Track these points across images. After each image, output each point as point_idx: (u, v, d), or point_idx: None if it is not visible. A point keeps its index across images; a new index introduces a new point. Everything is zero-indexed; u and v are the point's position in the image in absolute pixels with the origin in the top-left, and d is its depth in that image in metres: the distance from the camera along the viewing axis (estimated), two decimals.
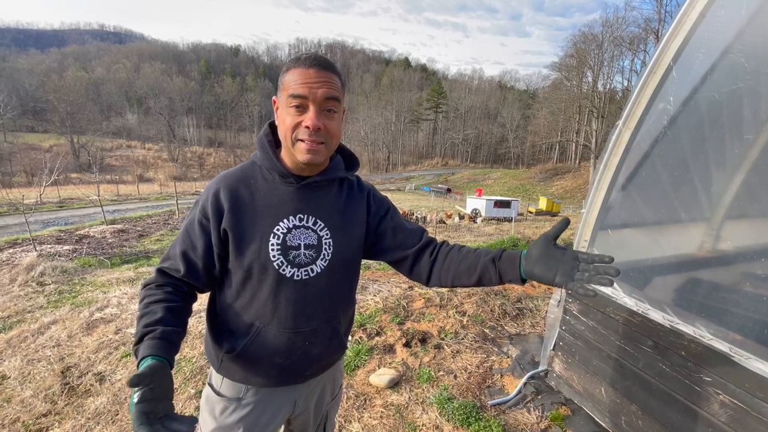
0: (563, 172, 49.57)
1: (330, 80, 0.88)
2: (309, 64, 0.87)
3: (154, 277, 0.96)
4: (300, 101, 0.86)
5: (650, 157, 2.04)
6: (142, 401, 0.67)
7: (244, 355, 0.98)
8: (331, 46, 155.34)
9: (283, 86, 0.90)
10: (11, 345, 3.10)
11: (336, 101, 0.90)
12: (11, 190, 20.90)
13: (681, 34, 1.83)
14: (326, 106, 0.89)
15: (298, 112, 0.87)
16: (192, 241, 0.95)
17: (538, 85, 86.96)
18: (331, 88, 0.88)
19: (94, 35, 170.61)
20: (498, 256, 0.96)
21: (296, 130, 0.89)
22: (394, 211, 1.15)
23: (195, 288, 0.99)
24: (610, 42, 44.69)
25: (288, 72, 0.89)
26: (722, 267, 1.85)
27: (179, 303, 0.92)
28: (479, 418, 2.17)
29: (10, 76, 76.34)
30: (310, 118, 0.87)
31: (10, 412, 2.21)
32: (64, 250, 6.82)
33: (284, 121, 0.90)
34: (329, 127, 0.90)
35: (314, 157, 0.90)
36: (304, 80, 0.86)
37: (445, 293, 4.08)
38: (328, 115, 0.90)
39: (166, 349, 0.80)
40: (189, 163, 70.40)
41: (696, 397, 1.67)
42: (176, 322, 0.87)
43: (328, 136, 0.91)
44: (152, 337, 0.80)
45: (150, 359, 0.76)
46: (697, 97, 1.82)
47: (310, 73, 0.86)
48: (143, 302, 0.89)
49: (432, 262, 1.06)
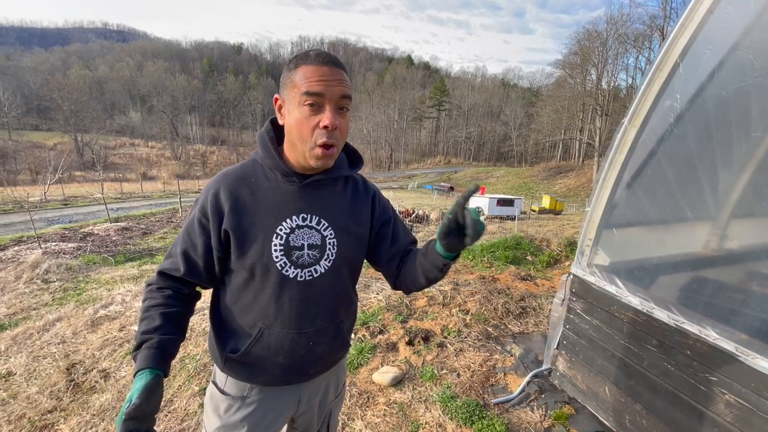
0: (566, 171, 49.31)
1: (343, 78, 0.87)
2: (322, 61, 0.85)
3: (156, 279, 0.96)
4: (315, 99, 0.84)
5: (656, 155, 2.02)
6: (129, 419, 0.74)
7: (247, 355, 0.97)
8: (334, 44, 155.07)
9: (292, 83, 0.86)
10: (17, 342, 3.12)
11: (349, 100, 0.89)
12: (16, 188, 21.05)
13: (688, 31, 1.81)
14: (340, 104, 0.87)
15: (313, 111, 0.85)
16: (192, 240, 0.95)
17: (542, 83, 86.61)
18: (346, 87, 0.87)
19: (97, 33, 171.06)
20: (425, 249, 0.97)
21: (315, 132, 0.86)
22: (395, 218, 1.14)
23: (197, 285, 1.00)
24: (614, 39, 44.35)
25: (298, 69, 0.86)
26: (728, 266, 1.84)
27: (178, 308, 0.94)
28: (482, 417, 2.17)
29: (15, 75, 76.75)
30: (328, 118, 0.85)
31: (17, 408, 2.23)
32: (69, 247, 6.87)
33: (299, 123, 0.86)
34: (342, 126, 0.89)
35: (327, 162, 0.90)
36: (319, 78, 0.84)
37: (448, 291, 4.08)
38: (342, 114, 0.89)
39: (162, 359, 0.85)
40: (192, 161, 70.53)
41: (701, 397, 1.66)
42: (173, 329, 0.91)
43: (340, 136, 0.89)
44: (149, 347, 0.85)
45: (146, 373, 0.81)
46: (705, 95, 1.80)
47: (325, 71, 0.84)
48: (144, 305, 0.92)
49: (398, 273, 1.09)
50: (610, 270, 2.21)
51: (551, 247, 6.95)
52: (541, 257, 6.46)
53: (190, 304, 0.99)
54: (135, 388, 0.78)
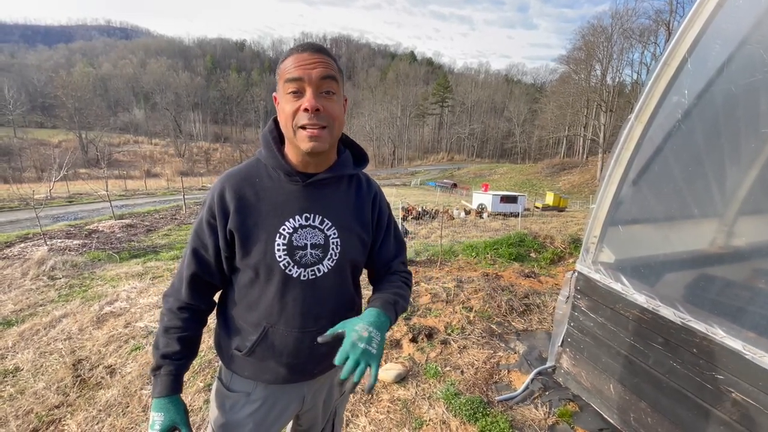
0: (570, 167, 49.07)
1: (323, 60, 0.86)
2: (302, 49, 0.86)
3: (174, 293, 0.99)
4: (296, 85, 0.84)
5: (663, 151, 2.00)
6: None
7: (252, 353, 0.98)
8: (337, 40, 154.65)
9: (279, 76, 0.88)
10: (24, 338, 3.15)
11: (333, 81, 0.87)
12: (22, 185, 21.20)
13: (697, 25, 1.78)
14: (324, 88, 0.86)
15: (296, 98, 0.85)
16: (203, 241, 0.95)
17: (546, 79, 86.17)
18: (327, 68, 0.85)
19: (100, 31, 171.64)
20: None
21: (296, 116, 0.86)
22: (390, 224, 1.14)
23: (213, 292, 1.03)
24: (619, 34, 43.96)
25: (284, 62, 0.88)
26: (735, 263, 1.82)
27: (193, 332, 0.99)
28: (486, 414, 2.17)
29: (19, 72, 77.21)
30: (307, 99, 0.84)
31: (24, 403, 2.25)
32: (74, 244, 6.91)
33: (284, 110, 0.87)
34: (329, 108, 0.87)
35: (317, 145, 0.87)
36: (298, 63, 0.84)
37: (451, 289, 4.07)
38: (327, 97, 0.87)
39: (178, 383, 0.95)
40: (195, 158, 70.77)
41: (708, 395, 1.65)
42: (188, 353, 0.98)
43: (329, 118, 0.87)
44: (168, 374, 0.93)
45: (165, 400, 0.91)
46: (713, 90, 1.77)
47: (304, 56, 0.85)
48: (164, 321, 0.97)
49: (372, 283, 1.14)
50: (615, 267, 2.19)
51: (555, 244, 6.93)
52: (545, 254, 6.44)
53: (204, 321, 1.03)
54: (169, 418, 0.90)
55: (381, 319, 0.90)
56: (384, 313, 0.93)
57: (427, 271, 5.17)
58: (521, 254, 6.41)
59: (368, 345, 0.81)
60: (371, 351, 0.81)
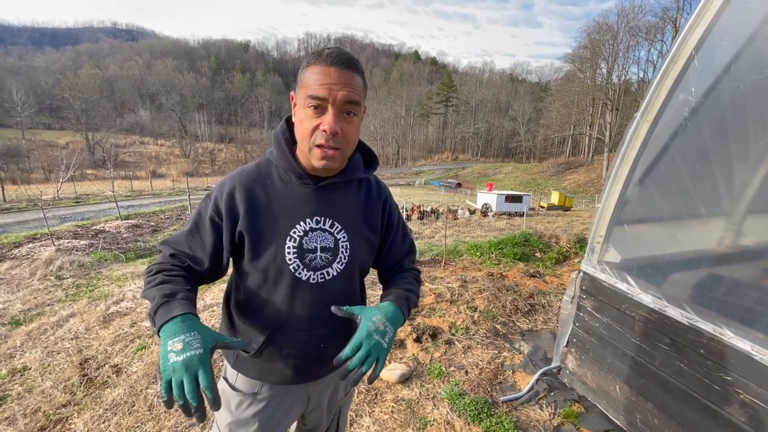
0: (576, 166, 48.74)
1: (351, 81, 0.83)
2: (330, 62, 0.81)
3: (166, 258, 0.93)
4: (318, 102, 0.82)
5: (669, 150, 1.97)
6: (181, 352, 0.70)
7: (259, 354, 0.98)
8: (341, 40, 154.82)
9: (302, 84, 0.85)
10: (32, 337, 3.18)
11: (356, 105, 0.85)
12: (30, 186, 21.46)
13: (704, 22, 1.76)
14: (345, 109, 0.84)
15: (316, 114, 0.83)
16: (201, 238, 0.93)
17: (551, 78, 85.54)
18: (352, 91, 0.83)
19: (107, 33, 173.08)
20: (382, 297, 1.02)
21: (314, 133, 0.84)
22: (398, 227, 1.13)
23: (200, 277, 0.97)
24: (625, 32, 43.60)
25: (308, 68, 0.84)
26: (744, 263, 1.80)
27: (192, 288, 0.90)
28: (491, 414, 2.16)
29: (27, 75, 78.14)
30: (328, 122, 0.82)
31: (32, 402, 2.28)
32: (81, 244, 6.98)
33: (302, 123, 0.86)
34: (347, 131, 0.86)
35: (329, 164, 0.87)
36: (324, 80, 0.81)
37: (456, 288, 4.06)
38: (347, 119, 0.85)
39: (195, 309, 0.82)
40: (201, 158, 71.20)
41: (715, 397, 1.63)
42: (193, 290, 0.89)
43: (344, 141, 0.86)
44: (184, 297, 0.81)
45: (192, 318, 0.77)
46: (720, 88, 1.75)
47: (331, 73, 0.81)
48: (155, 278, 0.86)
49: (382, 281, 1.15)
50: (621, 267, 2.17)
51: (560, 243, 6.88)
52: (550, 254, 6.40)
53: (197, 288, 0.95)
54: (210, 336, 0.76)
55: (397, 315, 0.92)
56: (400, 309, 0.94)
57: (432, 270, 5.16)
58: (526, 254, 6.38)
59: (382, 338, 0.83)
60: (383, 345, 0.83)
